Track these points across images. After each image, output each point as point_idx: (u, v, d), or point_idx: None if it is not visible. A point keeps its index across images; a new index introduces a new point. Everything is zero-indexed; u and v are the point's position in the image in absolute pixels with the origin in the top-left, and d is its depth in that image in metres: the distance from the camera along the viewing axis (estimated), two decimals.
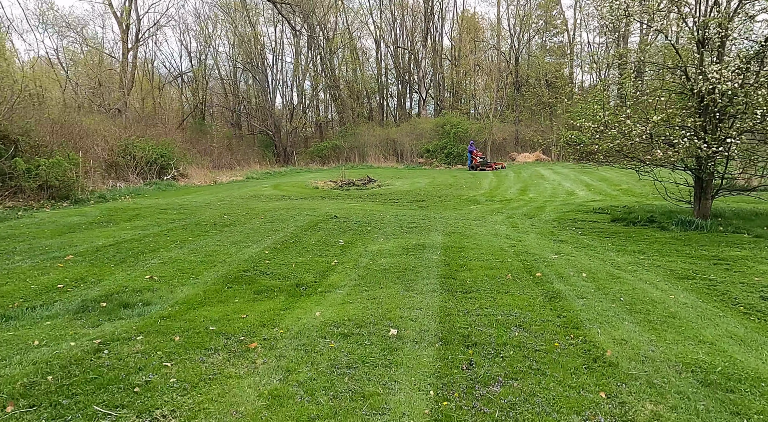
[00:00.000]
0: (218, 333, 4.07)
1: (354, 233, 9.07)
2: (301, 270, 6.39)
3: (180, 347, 3.75)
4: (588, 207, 12.64)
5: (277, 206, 13.01)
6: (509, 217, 11.61)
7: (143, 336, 3.97)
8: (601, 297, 5.10)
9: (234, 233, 9.01)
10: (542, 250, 7.59)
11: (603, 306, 4.78)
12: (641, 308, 4.75)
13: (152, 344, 3.80)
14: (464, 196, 16.19)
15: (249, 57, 38.51)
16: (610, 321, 4.38)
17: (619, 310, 4.70)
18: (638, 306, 4.83)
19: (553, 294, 5.15)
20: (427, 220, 10.65)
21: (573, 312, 4.56)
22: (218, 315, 4.56)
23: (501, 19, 41.52)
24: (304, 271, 6.37)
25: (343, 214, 11.22)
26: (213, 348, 3.75)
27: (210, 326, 4.23)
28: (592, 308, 4.69)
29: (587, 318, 4.43)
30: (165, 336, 3.99)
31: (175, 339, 3.91)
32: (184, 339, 3.93)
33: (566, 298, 5.01)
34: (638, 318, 4.48)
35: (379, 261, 6.83)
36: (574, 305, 4.80)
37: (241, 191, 18.58)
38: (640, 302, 4.95)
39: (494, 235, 8.95)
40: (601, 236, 9.11)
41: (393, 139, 35.62)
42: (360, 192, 18.02)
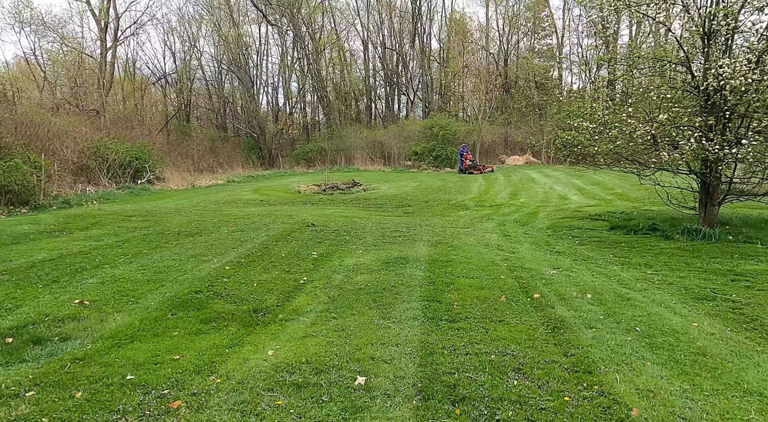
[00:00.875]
0: (137, 384, 3.19)
1: (331, 243, 8.21)
2: (263, 291, 5.52)
3: (77, 409, 2.86)
4: (583, 213, 11.89)
5: (252, 213, 12.10)
6: (500, 224, 10.81)
7: (36, 391, 3.07)
8: (613, 326, 4.29)
9: (197, 244, 8.10)
10: (538, 264, 6.79)
11: (617, 340, 3.96)
12: (663, 342, 3.95)
13: (42, 404, 2.91)
14: (453, 201, 15.40)
15: (233, 57, 37.49)
16: (630, 361, 3.56)
17: (638, 345, 3.89)
18: (659, 339, 4.03)
19: (556, 323, 4.33)
20: (412, 228, 9.82)
21: (582, 349, 3.74)
22: (146, 356, 3.68)
23: (490, 20, 40.99)
24: (266, 292, 5.49)
25: (321, 221, 10.35)
26: (121, 411, 2.86)
27: (129, 374, 3.34)
28: (605, 343, 3.87)
29: (601, 357, 3.61)
30: (64, 390, 3.10)
31: (75, 396, 3.02)
32: (87, 394, 3.04)
33: (572, 328, 4.20)
34: (662, 357, 3.68)
35: (355, 279, 5.97)
36: (583, 338, 3.98)
37: (219, 196, 17.62)
38: (659, 333, 4.14)
39: (485, 245, 8.14)
40: (600, 247, 8.34)
41: (380, 141, 34.80)
42: (344, 197, 17.17)
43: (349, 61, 42.97)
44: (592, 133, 8.37)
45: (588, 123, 8.36)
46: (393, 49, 41.23)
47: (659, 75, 9.33)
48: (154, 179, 21.88)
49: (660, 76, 9.76)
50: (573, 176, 22.90)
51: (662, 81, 9.12)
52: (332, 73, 42.72)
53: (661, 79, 9.68)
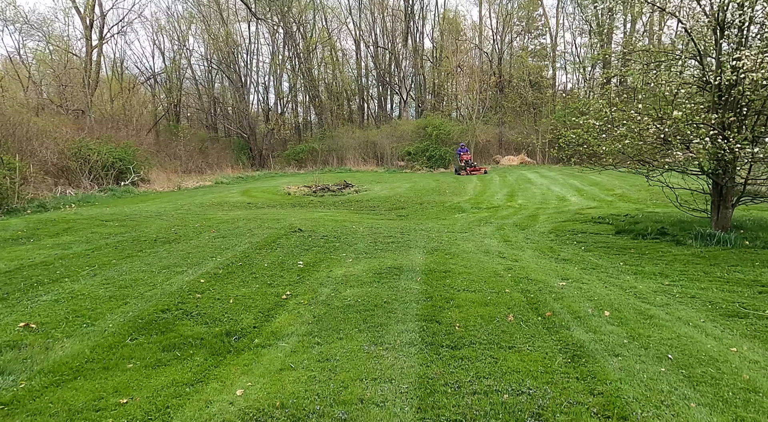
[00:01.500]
0: None
1: (319, 251, 7.59)
2: (239, 309, 4.89)
3: None
4: (585, 216, 11.35)
5: (237, 217, 11.45)
6: (499, 228, 10.24)
7: None
8: (641, 353, 3.71)
9: (173, 252, 7.45)
10: (545, 274, 6.21)
11: (649, 372, 3.38)
12: (703, 375, 3.37)
13: None
14: (448, 203, 14.82)
15: (222, 56, 36.74)
16: (670, 401, 2.98)
17: (675, 378, 3.31)
18: (697, 370, 3.45)
19: (574, 349, 3.74)
20: (407, 233, 9.22)
21: (611, 385, 3.15)
22: (87, 398, 3.05)
23: (483, 18, 40.52)
24: (243, 310, 4.87)
25: (309, 226, 9.72)
26: None
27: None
28: (636, 377, 3.28)
29: (634, 395, 3.02)
30: None
31: None
32: None
33: (594, 356, 3.61)
34: (706, 395, 3.10)
35: (344, 293, 5.36)
36: (609, 369, 3.39)
37: (205, 198, 16.93)
38: (696, 362, 3.57)
39: (485, 253, 7.56)
40: (609, 253, 7.78)
41: (373, 141, 34.19)
42: (335, 199, 16.54)
43: (342, 61, 42.33)
44: (599, 131, 7.81)
45: (594, 121, 7.79)
46: (385, 49, 40.64)
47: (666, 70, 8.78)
48: (139, 180, 21.14)
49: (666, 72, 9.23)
50: (570, 176, 22.41)
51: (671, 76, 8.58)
52: (324, 73, 42.06)
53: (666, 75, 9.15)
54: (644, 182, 18.61)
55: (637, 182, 18.57)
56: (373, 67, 41.41)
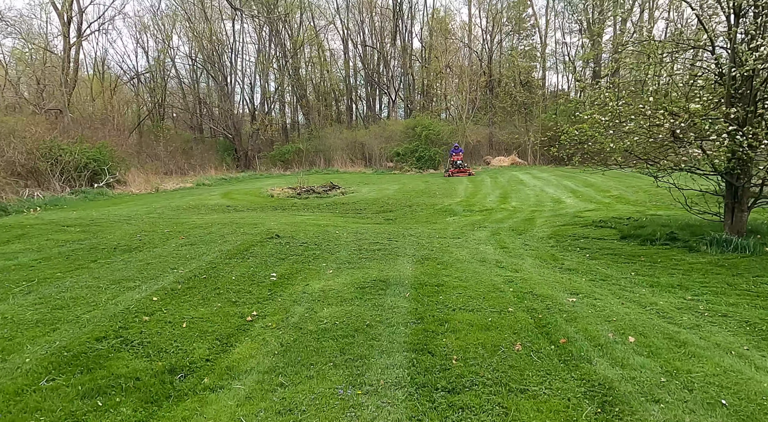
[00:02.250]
0: None
1: (296, 260, 6.78)
2: (192, 335, 4.08)
3: None
4: (585, 219, 10.65)
5: (212, 221, 10.59)
6: (494, 233, 9.50)
7: None
8: (686, 397, 2.96)
9: (130, 263, 6.60)
10: (551, 287, 5.46)
11: None
12: None
13: None
14: (438, 205, 14.07)
15: (206, 55, 35.74)
16: None
17: None
18: (762, 419, 2.71)
19: (603, 393, 2.99)
20: (395, 239, 8.44)
21: None
22: None
23: (473, 17, 39.94)
24: (197, 336, 4.05)
25: (289, 231, 8.91)
26: None
27: None
28: None
29: None
30: None
31: None
32: None
33: (629, 403, 2.85)
34: None
35: (320, 313, 4.56)
36: None
37: (182, 201, 16.02)
38: (758, 410, 2.83)
39: (481, 261, 6.80)
40: (617, 261, 7.06)
41: (361, 142, 33.40)
42: (320, 201, 15.72)
43: (330, 61, 41.48)
44: (605, 127, 7.10)
45: (599, 116, 7.07)
46: (374, 48, 39.88)
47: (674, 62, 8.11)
48: (114, 182, 20.13)
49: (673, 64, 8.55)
50: (563, 177, 21.81)
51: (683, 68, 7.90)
52: (311, 73, 41.20)
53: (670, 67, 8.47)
54: (641, 183, 18.11)
55: (633, 183, 18.01)
56: (362, 67, 40.63)
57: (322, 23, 40.49)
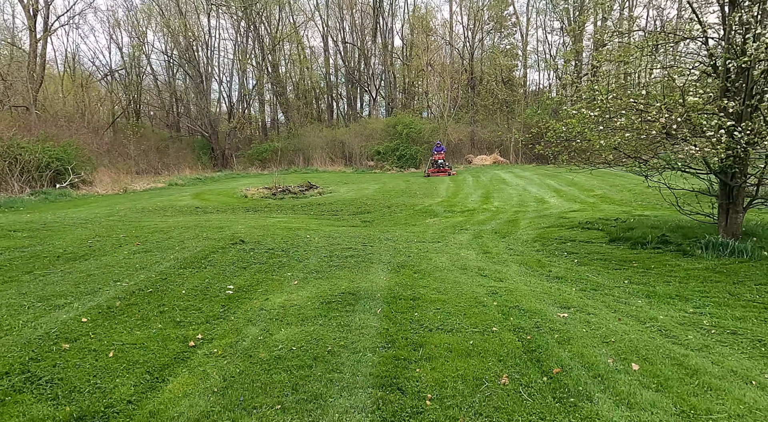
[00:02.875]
0: None
1: (259, 269, 6.13)
2: (118, 368, 3.41)
3: None
4: (570, 220, 10.17)
5: (175, 224, 9.86)
6: (477, 236, 8.95)
7: None
8: None
9: (68, 275, 5.87)
10: (539, 300, 4.90)
11: None
12: None
13: None
14: (418, 206, 13.49)
15: (180, 50, 34.66)
16: None
17: None
18: None
19: None
20: (370, 244, 7.83)
21: None
22: None
23: (454, 14, 39.50)
24: (124, 369, 3.39)
25: (256, 236, 8.23)
26: None
27: None
28: None
29: None
30: None
31: None
32: None
33: None
34: None
35: (276, 336, 3.94)
36: None
37: (150, 202, 15.19)
38: None
39: (462, 269, 6.23)
40: (607, 268, 6.55)
41: (341, 140, 32.70)
42: (295, 202, 15.03)
43: (310, 59, 40.65)
44: (594, 122, 6.58)
45: (589, 111, 6.55)
46: (354, 45, 39.18)
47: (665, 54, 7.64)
48: (79, 182, 19.13)
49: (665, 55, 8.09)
50: (545, 176, 21.45)
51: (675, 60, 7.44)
52: (291, 70, 40.34)
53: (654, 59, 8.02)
54: (624, 182, 17.78)
55: (617, 182, 17.68)
56: (342, 64, 39.89)
57: (301, 19, 39.65)
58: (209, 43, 35.70)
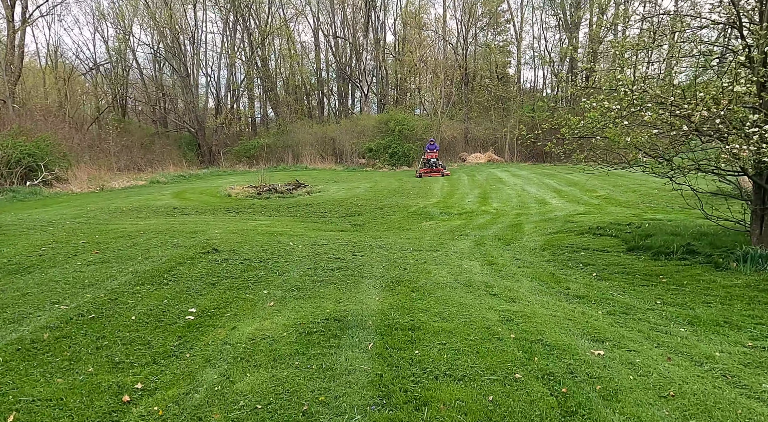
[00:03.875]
0: None
1: (230, 286, 5.23)
2: None
3: None
4: (579, 225, 9.36)
5: (146, 228, 8.91)
6: (478, 243, 8.10)
7: None
8: None
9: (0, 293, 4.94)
10: (564, 329, 4.05)
11: None
12: None
13: None
14: (413, 207, 12.62)
15: (166, 43, 33.48)
16: None
17: None
18: None
19: None
20: (360, 252, 6.96)
21: None
22: None
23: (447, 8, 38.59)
24: None
25: (232, 243, 7.32)
26: None
27: None
28: None
29: None
30: None
31: None
32: None
33: None
34: None
35: (238, 386, 3.05)
36: None
37: (126, 201, 14.21)
38: None
39: (467, 286, 5.37)
40: (632, 283, 5.72)
41: (332, 137, 31.72)
42: (281, 202, 14.11)
43: (300, 54, 39.59)
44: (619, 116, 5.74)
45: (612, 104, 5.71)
46: (345, 39, 38.17)
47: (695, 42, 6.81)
48: (53, 179, 18.06)
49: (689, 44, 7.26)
50: (543, 175, 20.68)
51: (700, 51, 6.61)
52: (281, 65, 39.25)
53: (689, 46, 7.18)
54: (627, 182, 17.00)
55: (619, 182, 16.94)
56: (334, 60, 38.86)
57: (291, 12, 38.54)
58: (195, 36, 34.56)
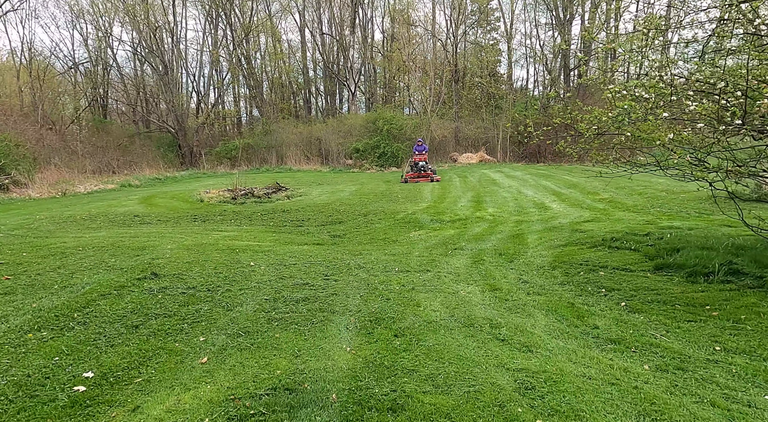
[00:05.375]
0: None
1: (157, 330, 3.97)
2: None
3: None
4: (589, 235, 8.18)
5: (88, 243, 7.60)
6: (476, 260, 6.88)
7: None
8: None
9: None
10: (608, 405, 2.84)
11: None
12: None
13: None
14: (401, 213, 11.39)
15: (143, 38, 31.96)
16: None
17: None
18: None
19: None
20: (334, 276, 5.72)
21: None
22: None
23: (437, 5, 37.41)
24: None
25: (181, 263, 6.05)
26: None
27: None
28: None
29: None
30: None
31: None
32: None
33: None
34: None
35: None
36: None
37: (85, 208, 12.85)
38: None
39: (466, 326, 4.15)
40: (675, 318, 4.53)
41: (318, 137, 30.38)
42: (257, 207, 12.82)
43: (287, 52, 38.21)
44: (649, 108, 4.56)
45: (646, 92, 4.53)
46: (332, 36, 36.84)
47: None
48: (10, 183, 16.61)
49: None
50: (539, 176, 19.55)
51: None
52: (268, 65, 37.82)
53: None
54: (630, 184, 15.84)
55: (622, 184, 15.81)
56: (321, 58, 37.52)
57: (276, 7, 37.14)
58: (174, 31, 33.05)
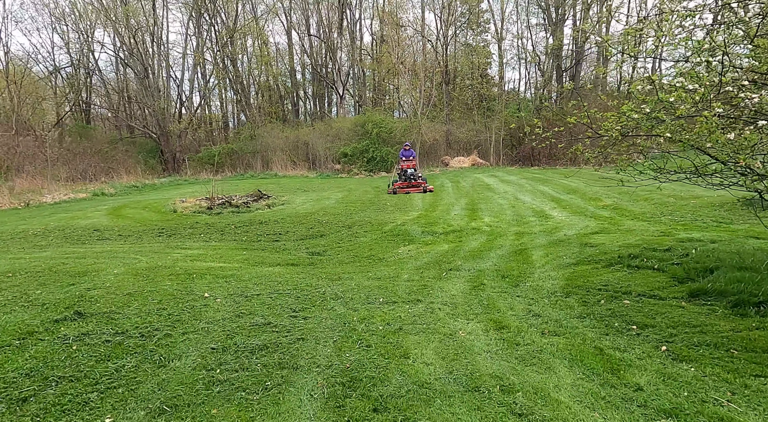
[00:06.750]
0: None
1: (46, 407, 2.90)
2: None
3: None
4: (602, 250, 7.19)
5: (23, 267, 6.51)
6: (475, 284, 5.86)
7: None
8: None
9: None
10: None
11: None
12: None
13: None
14: (388, 224, 10.36)
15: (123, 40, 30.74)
16: None
17: None
18: None
19: None
20: (304, 312, 4.67)
21: None
22: None
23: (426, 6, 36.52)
24: None
25: (119, 296, 4.98)
26: None
27: None
28: None
29: None
30: None
31: None
32: None
33: None
34: None
35: None
36: None
37: (43, 221, 11.72)
38: None
39: (470, 391, 3.12)
40: (736, 371, 3.53)
41: (305, 142, 29.31)
42: (234, 218, 11.75)
43: (275, 55, 37.11)
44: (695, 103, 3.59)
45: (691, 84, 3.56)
46: (320, 38, 35.81)
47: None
48: None
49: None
50: (535, 180, 18.62)
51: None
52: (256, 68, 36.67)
53: None
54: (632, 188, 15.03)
55: (624, 189, 14.89)
56: (309, 62, 36.45)
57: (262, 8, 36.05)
58: (155, 33, 31.86)
